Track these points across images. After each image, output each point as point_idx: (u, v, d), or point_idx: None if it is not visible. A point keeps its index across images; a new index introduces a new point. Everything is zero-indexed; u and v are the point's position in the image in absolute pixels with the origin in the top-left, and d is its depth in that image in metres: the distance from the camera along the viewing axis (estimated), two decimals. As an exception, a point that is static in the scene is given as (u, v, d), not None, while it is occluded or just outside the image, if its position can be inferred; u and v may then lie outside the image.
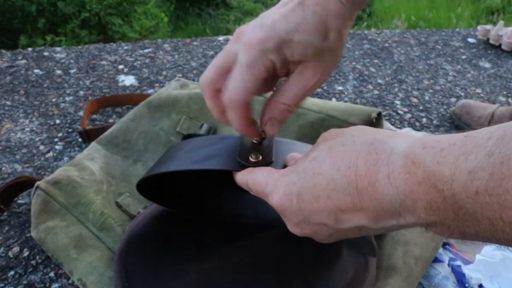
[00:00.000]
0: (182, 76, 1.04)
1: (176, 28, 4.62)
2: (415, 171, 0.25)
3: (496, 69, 1.17)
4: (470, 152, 0.22)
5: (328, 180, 0.29)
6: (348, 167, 0.28)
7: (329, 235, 0.32)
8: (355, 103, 0.97)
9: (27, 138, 0.79)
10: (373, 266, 0.46)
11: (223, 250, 0.46)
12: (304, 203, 0.30)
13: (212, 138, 0.40)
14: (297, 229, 0.33)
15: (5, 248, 0.57)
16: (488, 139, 0.22)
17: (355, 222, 0.29)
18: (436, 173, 0.24)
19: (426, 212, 0.25)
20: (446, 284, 0.50)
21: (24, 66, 1.05)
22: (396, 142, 0.27)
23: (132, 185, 0.59)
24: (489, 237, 0.23)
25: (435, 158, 0.24)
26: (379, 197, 0.26)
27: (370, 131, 0.30)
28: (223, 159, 0.37)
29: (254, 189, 0.34)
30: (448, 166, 0.23)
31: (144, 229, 0.48)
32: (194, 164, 0.37)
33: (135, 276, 0.43)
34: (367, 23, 4.45)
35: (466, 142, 0.23)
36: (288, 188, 0.31)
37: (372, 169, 0.27)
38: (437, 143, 0.25)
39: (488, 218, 0.22)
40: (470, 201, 0.22)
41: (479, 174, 0.22)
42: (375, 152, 0.27)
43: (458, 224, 0.24)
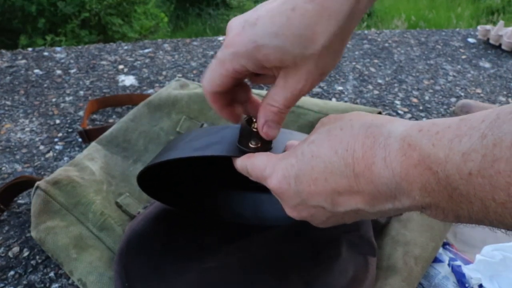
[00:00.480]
0: (182, 76, 1.04)
1: (176, 28, 4.62)
2: (411, 153, 0.25)
3: (496, 69, 1.17)
4: (464, 135, 0.23)
5: (326, 163, 0.29)
6: (345, 150, 0.28)
7: (326, 219, 0.32)
8: (355, 103, 0.97)
9: (27, 138, 0.79)
10: (373, 266, 0.46)
11: (223, 250, 0.46)
12: (302, 186, 0.30)
13: (213, 128, 0.41)
14: (294, 212, 0.33)
15: (5, 248, 0.57)
16: (482, 122, 0.23)
17: (351, 205, 0.29)
18: (431, 155, 0.24)
19: (421, 194, 0.25)
20: (446, 284, 0.50)
21: (24, 66, 1.05)
22: (393, 126, 0.27)
23: (132, 185, 0.59)
24: (482, 219, 0.23)
25: (430, 141, 0.24)
26: (375, 180, 0.27)
27: (369, 116, 0.31)
28: (224, 146, 0.37)
29: (253, 174, 0.35)
30: (442, 148, 0.23)
31: (144, 229, 0.48)
32: (195, 151, 0.38)
33: (135, 276, 0.43)
34: (367, 23, 4.45)
35: (461, 125, 0.24)
36: (286, 171, 0.31)
37: (369, 152, 0.27)
38: (433, 126, 0.25)
39: (480, 200, 0.22)
40: (463, 183, 0.23)
41: (472, 156, 0.22)
42: (372, 136, 0.28)
43: (452, 206, 0.24)
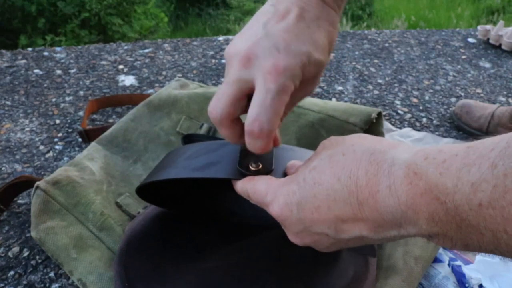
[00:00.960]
0: (182, 76, 1.04)
1: (176, 28, 4.62)
2: (417, 182, 0.24)
3: (496, 69, 1.17)
4: (473, 164, 0.22)
5: (329, 190, 0.28)
6: (348, 178, 0.28)
7: (329, 245, 0.32)
8: (355, 103, 0.97)
9: (27, 138, 0.79)
10: (373, 266, 0.46)
11: (223, 250, 0.46)
12: (304, 213, 0.30)
13: (213, 144, 0.40)
14: (297, 239, 0.33)
15: (5, 248, 0.57)
16: (492, 150, 0.22)
17: (355, 232, 0.28)
18: (439, 185, 0.23)
19: (428, 224, 0.24)
20: (446, 284, 0.50)
21: (24, 66, 1.05)
22: (397, 152, 0.27)
23: (132, 185, 0.59)
24: (492, 249, 0.23)
25: (437, 169, 0.24)
26: (380, 208, 0.26)
27: (371, 139, 0.30)
28: (223, 167, 0.36)
29: (254, 198, 0.34)
30: (450, 178, 0.23)
31: (144, 229, 0.48)
32: (194, 172, 0.37)
33: (135, 276, 0.43)
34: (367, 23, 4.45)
35: (469, 153, 0.23)
36: (288, 198, 0.31)
37: (373, 179, 0.26)
38: (439, 153, 0.24)
39: (491, 231, 0.22)
40: (473, 214, 0.22)
41: (482, 186, 0.21)
42: (376, 162, 0.27)
43: (460, 236, 0.24)
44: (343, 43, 1.28)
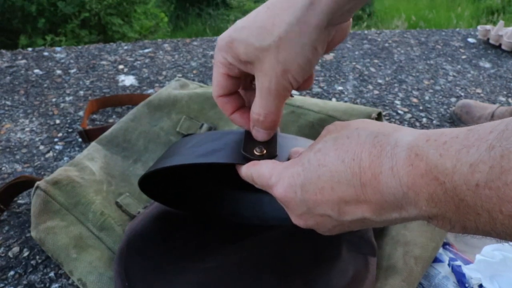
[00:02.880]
0: (182, 76, 1.04)
1: (176, 28, 4.62)
2: (418, 163, 0.25)
3: (496, 69, 1.17)
4: (472, 145, 0.23)
5: (333, 172, 0.29)
6: (352, 159, 0.28)
7: (332, 227, 0.32)
8: (355, 103, 0.97)
9: (27, 138, 0.79)
10: (373, 266, 0.46)
11: (223, 250, 0.46)
12: (308, 194, 0.30)
13: (217, 133, 0.40)
14: (300, 221, 0.33)
15: (5, 248, 0.57)
16: (490, 133, 0.22)
17: (358, 214, 0.29)
18: (438, 165, 0.24)
19: (428, 205, 0.25)
20: (446, 284, 0.50)
21: (24, 66, 1.05)
22: (400, 135, 0.27)
23: (132, 185, 0.59)
24: (489, 230, 0.23)
25: (438, 151, 0.24)
26: (382, 189, 0.26)
27: (375, 124, 0.30)
28: (228, 152, 0.37)
29: (258, 182, 0.34)
30: (450, 159, 0.23)
31: (144, 229, 0.48)
32: (199, 158, 0.37)
33: (135, 276, 0.43)
34: (367, 23, 4.45)
35: (468, 136, 0.23)
36: (292, 179, 0.31)
37: (376, 161, 0.27)
38: (441, 135, 0.25)
39: (487, 211, 0.22)
40: (471, 194, 0.22)
41: (479, 167, 0.22)
42: (379, 145, 0.27)
43: (459, 217, 0.24)
44: (343, 43, 1.28)
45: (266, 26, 0.32)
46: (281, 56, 0.32)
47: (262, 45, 0.32)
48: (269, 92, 0.33)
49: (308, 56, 0.32)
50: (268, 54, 0.32)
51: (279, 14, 0.32)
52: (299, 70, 0.33)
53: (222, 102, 0.38)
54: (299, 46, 0.32)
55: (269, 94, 0.33)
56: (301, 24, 0.31)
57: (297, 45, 0.32)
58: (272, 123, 0.36)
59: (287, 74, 0.33)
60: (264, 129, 0.36)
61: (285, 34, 0.31)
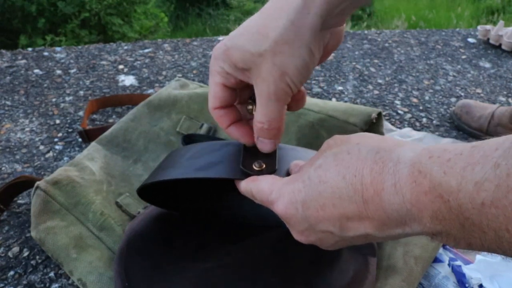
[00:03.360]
0: (182, 76, 1.04)
1: (176, 28, 4.62)
2: (421, 180, 0.24)
3: (496, 69, 1.17)
4: (476, 163, 0.22)
5: (334, 188, 0.28)
6: (354, 176, 0.28)
7: (334, 243, 0.32)
8: (355, 103, 0.97)
9: (27, 138, 0.79)
10: (373, 266, 0.46)
11: (223, 250, 0.46)
12: (310, 211, 0.30)
13: (215, 144, 0.40)
14: (302, 237, 0.33)
15: (5, 248, 0.57)
16: (495, 150, 0.22)
17: (360, 230, 0.29)
18: (443, 183, 0.23)
19: (432, 222, 0.25)
20: (446, 284, 0.50)
21: (24, 66, 1.05)
22: (402, 151, 0.27)
23: (132, 185, 0.59)
24: (495, 248, 0.23)
25: (442, 168, 0.24)
26: (385, 206, 0.26)
27: (376, 138, 0.30)
28: (226, 166, 0.36)
29: (258, 198, 0.34)
30: (454, 177, 0.23)
31: (144, 229, 0.48)
32: (197, 172, 0.37)
33: (135, 276, 0.43)
34: (367, 23, 4.45)
35: (473, 152, 0.23)
36: (293, 196, 0.31)
37: (378, 178, 0.27)
38: (444, 152, 0.25)
39: (494, 230, 0.22)
40: (476, 213, 0.22)
41: (485, 186, 0.22)
42: (381, 161, 0.27)
43: (464, 235, 0.24)
44: (343, 43, 1.28)
45: (260, 31, 0.32)
46: (278, 59, 0.32)
47: (258, 50, 0.32)
48: (269, 97, 0.33)
49: (304, 58, 0.32)
50: (265, 59, 0.32)
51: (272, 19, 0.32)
52: (296, 72, 0.32)
53: (218, 114, 0.37)
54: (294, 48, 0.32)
55: (269, 99, 0.33)
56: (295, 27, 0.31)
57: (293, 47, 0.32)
58: (276, 131, 0.35)
59: (284, 77, 0.32)
60: (268, 138, 0.36)
61: (280, 37, 0.31)
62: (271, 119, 0.34)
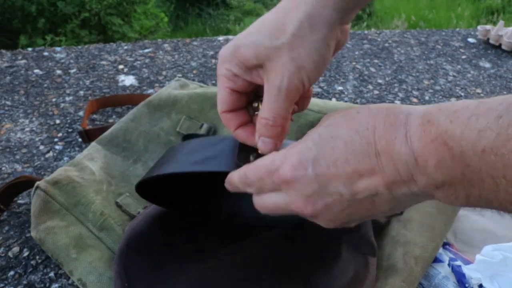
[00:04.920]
0: (182, 76, 1.04)
1: (176, 28, 4.62)
2: (429, 129, 0.26)
3: (496, 69, 1.17)
4: (481, 114, 0.24)
5: (347, 142, 0.28)
6: (366, 129, 0.28)
7: (339, 212, 0.30)
8: (355, 103, 0.97)
9: (27, 138, 0.79)
10: (373, 266, 0.46)
11: (223, 250, 0.46)
12: (321, 169, 0.29)
13: (212, 139, 0.40)
14: (308, 204, 0.30)
15: (5, 248, 0.57)
16: (500, 104, 0.24)
17: (371, 188, 0.28)
18: (448, 131, 0.25)
19: (435, 172, 0.25)
20: (446, 284, 0.50)
21: (24, 66, 1.05)
22: (412, 107, 0.28)
23: (132, 185, 0.59)
24: (492, 199, 0.24)
25: (448, 117, 0.25)
26: (395, 157, 0.27)
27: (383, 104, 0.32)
28: (223, 160, 0.36)
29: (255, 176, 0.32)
30: (459, 125, 0.24)
31: (144, 229, 0.48)
32: (194, 166, 0.37)
33: (135, 276, 0.43)
34: (367, 23, 4.45)
35: (479, 106, 0.25)
36: (302, 155, 0.30)
37: (391, 128, 0.27)
38: (452, 105, 0.26)
39: (491, 177, 0.23)
40: (476, 159, 0.23)
41: (487, 134, 0.23)
42: (393, 114, 0.28)
43: (463, 185, 0.25)
44: (343, 43, 1.28)
45: (277, 26, 0.32)
46: (295, 53, 0.32)
47: (275, 44, 0.32)
48: (279, 91, 0.33)
49: (322, 53, 0.32)
50: (281, 53, 0.32)
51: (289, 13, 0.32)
52: (313, 67, 0.32)
53: (226, 118, 0.37)
54: (312, 42, 0.32)
55: (279, 94, 0.33)
56: (313, 20, 0.32)
57: (311, 40, 0.32)
58: (280, 129, 0.34)
59: (301, 72, 0.32)
60: (271, 136, 0.34)
61: (298, 31, 0.32)
62: (277, 115, 0.33)
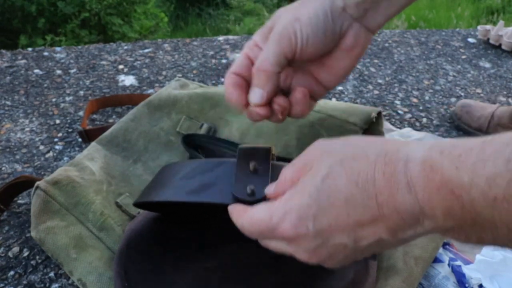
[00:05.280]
0: (182, 76, 1.04)
1: (176, 28, 4.62)
2: (433, 176, 0.24)
3: (496, 69, 1.17)
4: (488, 158, 0.23)
5: (347, 198, 0.28)
6: (366, 181, 0.27)
7: (344, 257, 0.30)
8: (355, 103, 0.97)
9: (27, 138, 0.79)
10: (373, 269, 0.46)
11: (223, 250, 0.46)
12: (322, 225, 0.28)
13: (208, 163, 0.39)
14: (313, 256, 0.30)
15: (5, 248, 0.57)
16: (507, 146, 0.22)
17: (374, 236, 0.28)
18: (454, 179, 0.23)
19: (444, 219, 0.25)
20: (446, 284, 0.50)
21: (24, 66, 1.05)
22: (410, 150, 0.27)
23: (132, 185, 0.59)
24: (507, 243, 0.23)
25: (453, 163, 0.24)
26: (399, 206, 0.26)
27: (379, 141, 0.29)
28: (219, 190, 0.36)
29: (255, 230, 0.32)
30: (466, 172, 0.23)
31: (144, 229, 0.48)
32: (189, 195, 0.37)
33: (134, 276, 0.43)
34: (367, 23, 4.44)
35: (484, 148, 0.23)
36: (302, 212, 0.29)
37: (391, 179, 0.26)
38: (454, 148, 0.25)
39: (506, 225, 0.22)
40: (489, 208, 0.22)
41: (497, 181, 0.22)
42: (391, 162, 0.27)
43: (475, 230, 0.24)
44: (343, 43, 1.28)
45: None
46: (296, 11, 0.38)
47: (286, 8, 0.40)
48: (273, 36, 0.38)
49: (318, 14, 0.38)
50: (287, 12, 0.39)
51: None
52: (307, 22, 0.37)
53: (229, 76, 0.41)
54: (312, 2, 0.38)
55: (273, 39, 0.38)
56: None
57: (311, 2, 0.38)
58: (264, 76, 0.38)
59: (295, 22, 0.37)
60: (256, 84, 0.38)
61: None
62: (263, 59, 0.38)
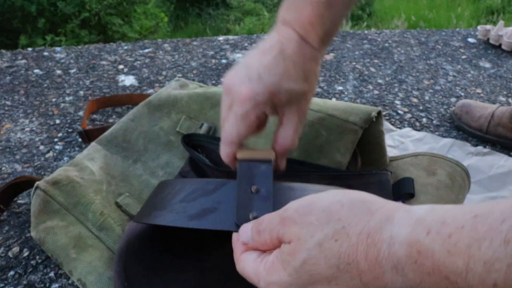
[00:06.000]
0: (182, 76, 1.04)
1: (176, 28, 4.62)
2: (423, 261, 0.23)
3: (496, 69, 1.17)
4: (483, 239, 0.21)
5: (329, 277, 0.27)
6: (348, 264, 0.26)
7: None
8: (355, 103, 0.97)
9: (27, 138, 0.79)
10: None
11: (223, 250, 0.46)
12: None
13: (209, 184, 0.39)
14: None
15: (5, 248, 0.57)
16: (503, 222, 0.21)
17: None
18: (448, 264, 0.22)
19: None
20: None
21: (24, 66, 1.05)
22: (394, 228, 0.25)
23: (132, 185, 0.59)
24: None
25: (444, 246, 0.22)
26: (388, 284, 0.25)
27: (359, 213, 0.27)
28: (221, 216, 0.36)
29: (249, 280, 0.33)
30: (460, 256, 0.22)
31: (144, 229, 0.48)
32: (190, 221, 0.37)
33: (134, 276, 0.43)
34: (367, 23, 4.45)
35: (476, 225, 0.22)
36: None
37: (375, 263, 0.25)
38: (443, 226, 0.23)
39: None
40: None
41: (496, 266, 0.21)
42: (374, 244, 0.25)
43: None
44: (343, 43, 1.28)
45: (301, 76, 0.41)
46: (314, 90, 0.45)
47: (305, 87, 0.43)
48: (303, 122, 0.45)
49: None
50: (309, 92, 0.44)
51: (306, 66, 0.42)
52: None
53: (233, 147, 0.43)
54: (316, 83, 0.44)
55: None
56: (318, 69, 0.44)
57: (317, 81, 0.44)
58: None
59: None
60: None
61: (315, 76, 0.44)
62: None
